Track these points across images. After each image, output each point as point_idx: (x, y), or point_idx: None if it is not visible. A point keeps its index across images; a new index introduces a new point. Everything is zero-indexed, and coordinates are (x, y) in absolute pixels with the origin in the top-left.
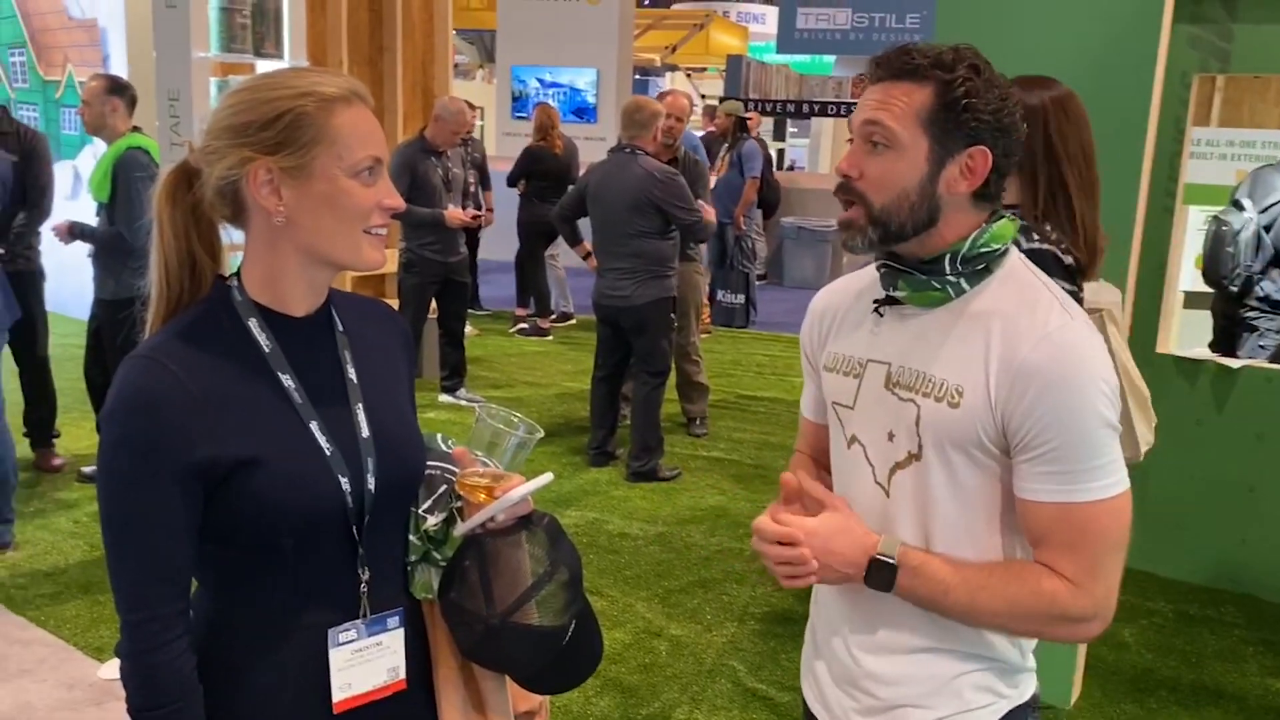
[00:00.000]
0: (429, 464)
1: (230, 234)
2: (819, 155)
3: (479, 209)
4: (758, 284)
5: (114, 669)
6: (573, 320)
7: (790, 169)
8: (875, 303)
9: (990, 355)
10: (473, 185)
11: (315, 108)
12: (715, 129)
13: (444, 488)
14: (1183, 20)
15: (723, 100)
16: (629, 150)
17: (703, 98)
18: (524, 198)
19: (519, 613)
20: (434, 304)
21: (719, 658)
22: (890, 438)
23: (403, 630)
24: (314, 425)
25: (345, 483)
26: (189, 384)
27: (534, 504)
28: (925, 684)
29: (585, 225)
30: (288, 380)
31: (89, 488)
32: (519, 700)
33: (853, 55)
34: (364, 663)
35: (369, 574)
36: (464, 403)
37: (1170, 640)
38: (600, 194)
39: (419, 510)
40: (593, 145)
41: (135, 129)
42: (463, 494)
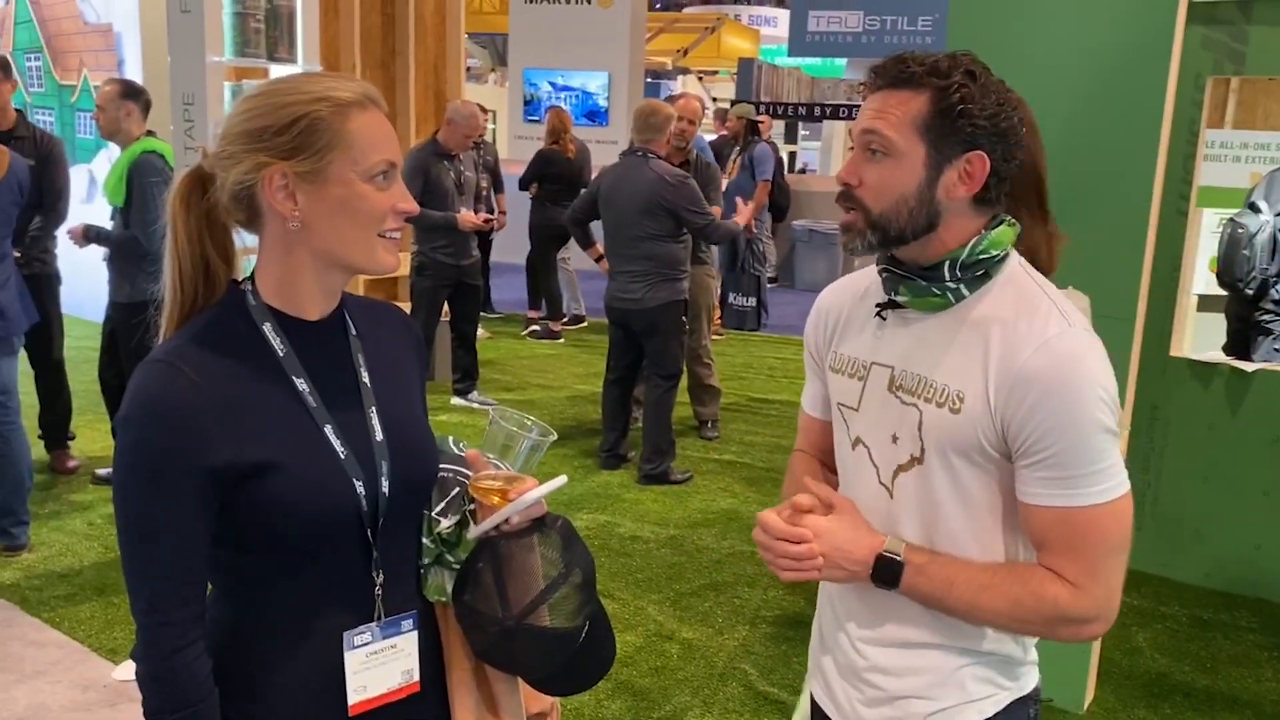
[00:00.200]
0: (441, 467)
1: (243, 238)
2: (831, 158)
3: (491, 212)
4: (769, 287)
5: (128, 670)
6: (584, 323)
7: (802, 172)
8: (878, 306)
9: (990, 362)
10: (485, 188)
11: (330, 112)
12: (727, 132)
13: (457, 490)
14: (1196, 22)
15: (734, 103)
16: (641, 153)
17: (714, 101)
18: (535, 201)
19: (533, 615)
20: (446, 307)
21: (730, 661)
22: (894, 440)
23: (416, 633)
24: (328, 429)
25: (360, 486)
26: (204, 388)
27: (546, 506)
28: (928, 676)
29: (598, 228)
30: (302, 384)
31: (104, 489)
32: (530, 702)
33: (864, 58)
34: (379, 665)
35: (383, 577)
36: (476, 405)
37: (1184, 645)
38: (612, 197)
39: (432, 513)
40: (604, 148)
41: (149, 133)
42: (476, 497)
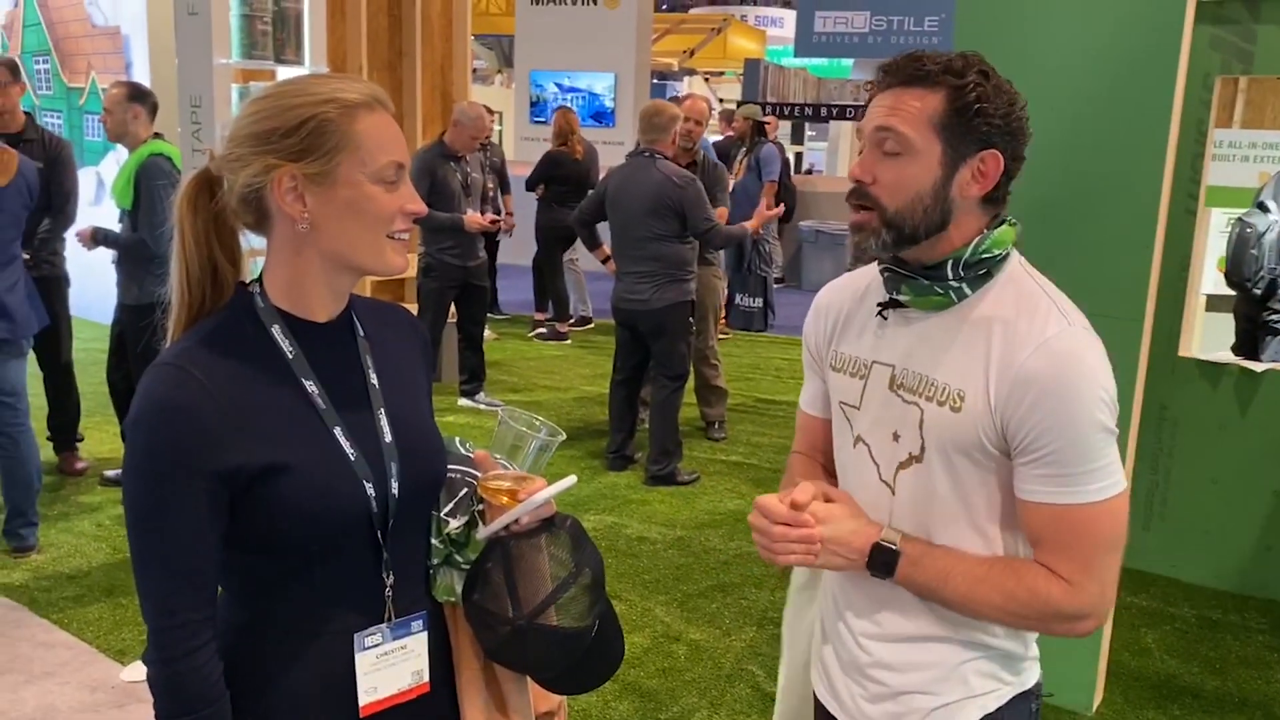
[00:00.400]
0: (449, 468)
1: (249, 240)
2: (837, 158)
3: (498, 213)
4: (775, 287)
5: (137, 671)
6: (591, 324)
7: (809, 172)
8: (879, 305)
9: (990, 361)
10: (492, 190)
11: (338, 114)
12: (733, 133)
13: (465, 491)
14: (1204, 22)
15: (740, 104)
16: (648, 154)
17: (720, 101)
18: (542, 202)
19: (544, 614)
20: (453, 308)
21: (738, 662)
22: (895, 438)
23: (426, 633)
24: (338, 431)
25: (369, 488)
26: (214, 391)
27: (555, 507)
28: (931, 671)
29: (605, 230)
30: (311, 386)
31: (112, 491)
32: (538, 701)
33: (871, 58)
34: (389, 666)
35: (393, 578)
36: (483, 407)
37: (1194, 646)
38: (619, 198)
39: (441, 514)
40: (611, 150)
41: (157, 135)
42: (485, 497)
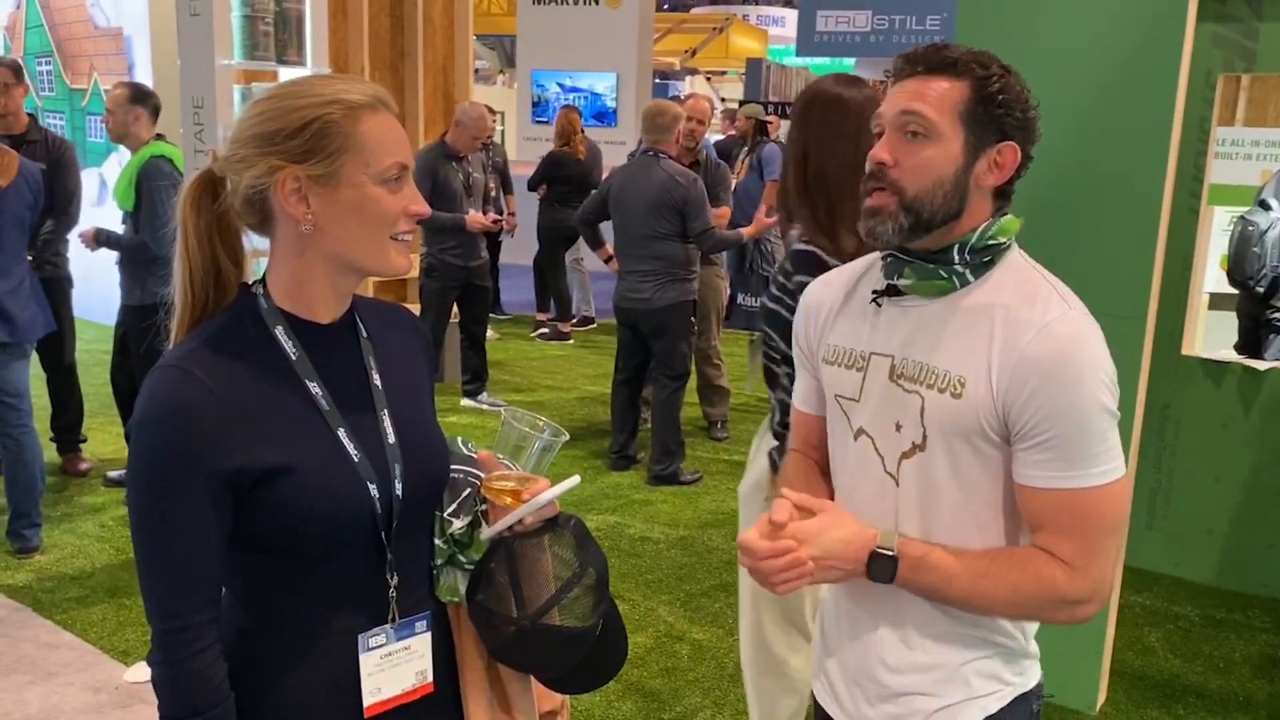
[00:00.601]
0: (453, 468)
1: (252, 240)
2: None
3: (500, 213)
4: None
5: (140, 672)
6: (594, 324)
7: None
8: (874, 293)
9: (993, 346)
10: (494, 190)
11: (342, 115)
12: (735, 132)
13: (468, 491)
14: (1207, 19)
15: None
16: (651, 153)
17: (722, 101)
18: (544, 202)
19: (548, 614)
20: (455, 308)
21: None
22: (898, 429)
23: (430, 633)
24: (341, 432)
25: (373, 489)
26: (217, 392)
27: (559, 507)
28: (933, 672)
29: (607, 229)
30: (314, 387)
31: (115, 492)
32: (541, 700)
33: (873, 57)
34: (393, 667)
35: (397, 579)
36: (485, 407)
37: (1197, 645)
38: (622, 197)
39: (444, 514)
40: (613, 149)
41: (159, 137)
42: (489, 497)
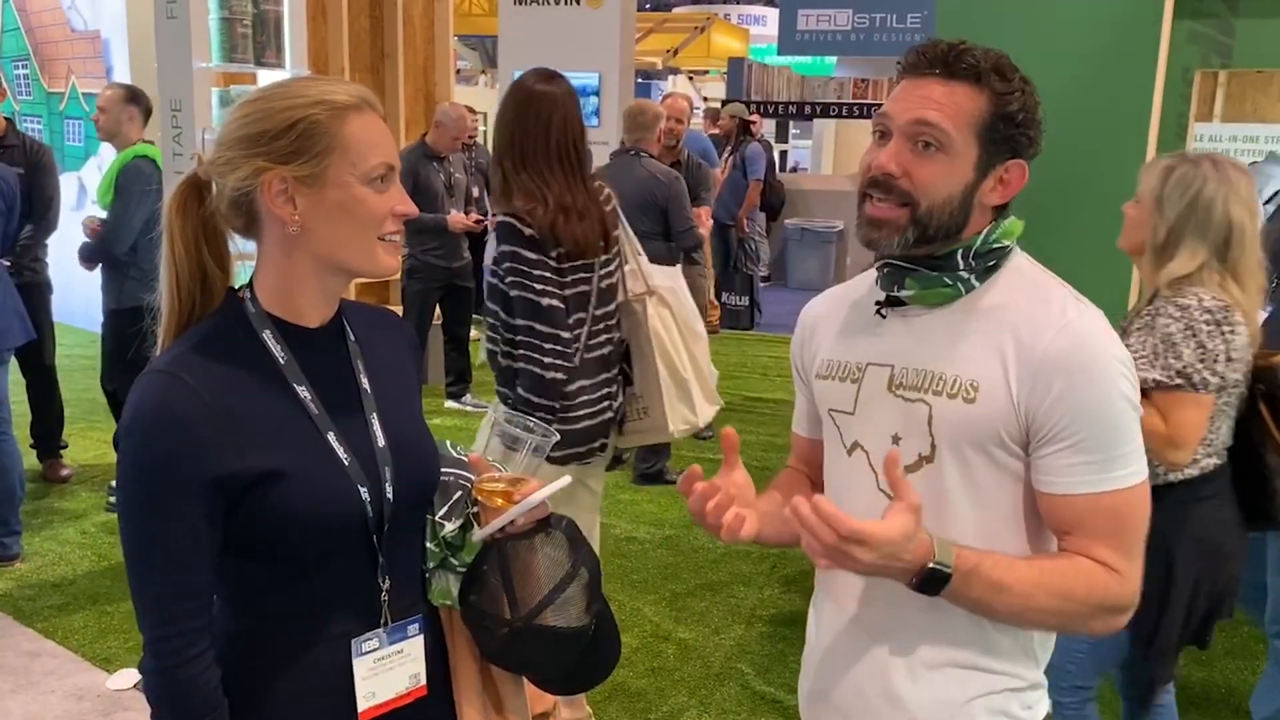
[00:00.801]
0: (443, 471)
1: (237, 244)
2: (821, 156)
3: (483, 214)
4: (762, 286)
5: (123, 680)
6: None
7: (793, 171)
8: (878, 304)
9: (1007, 350)
10: (476, 191)
11: (328, 116)
12: (719, 131)
13: (459, 494)
14: (1184, 16)
15: (725, 103)
16: (633, 152)
17: (705, 100)
18: None
19: (541, 615)
20: (438, 310)
21: (727, 661)
22: (895, 441)
23: (423, 637)
24: (331, 436)
25: (364, 493)
26: (206, 398)
27: (550, 507)
28: (934, 709)
29: None
30: (304, 392)
31: (96, 498)
32: (534, 702)
33: (854, 56)
34: (386, 671)
35: (389, 583)
36: (470, 408)
37: None
38: None
39: (435, 517)
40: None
41: (148, 142)
42: (480, 499)
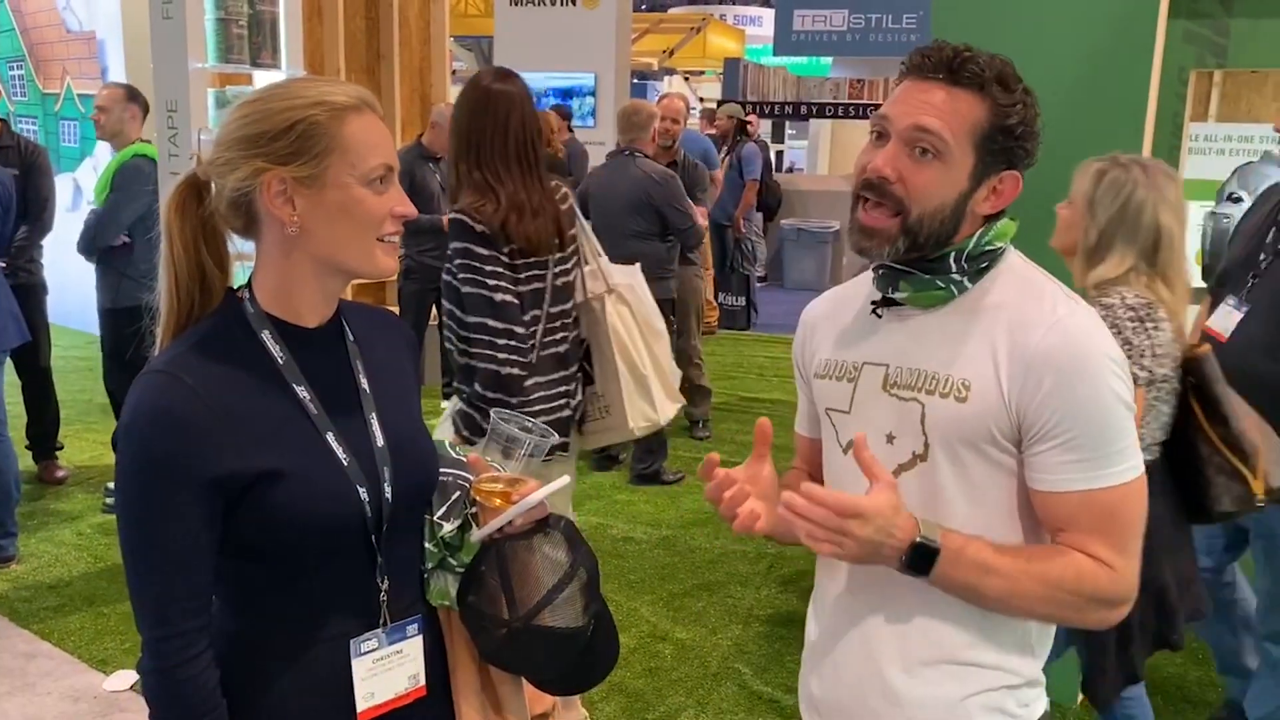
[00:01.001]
0: (442, 471)
1: (236, 244)
2: (817, 157)
3: None
4: (758, 286)
5: (119, 681)
6: None
7: (789, 171)
8: (874, 304)
9: (999, 348)
10: None
11: (327, 117)
12: (715, 131)
13: (458, 494)
14: (1179, 16)
15: (721, 103)
16: (628, 153)
17: (700, 100)
18: None
19: (539, 616)
20: (435, 310)
21: (724, 661)
22: (889, 440)
23: (421, 637)
24: (330, 436)
25: (363, 493)
26: (205, 398)
27: (549, 508)
28: (931, 706)
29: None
30: (302, 392)
31: (92, 499)
32: (533, 702)
33: (849, 56)
34: (385, 671)
35: (388, 583)
36: None
37: None
38: (601, 196)
39: (434, 517)
40: (591, 149)
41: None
42: (479, 499)
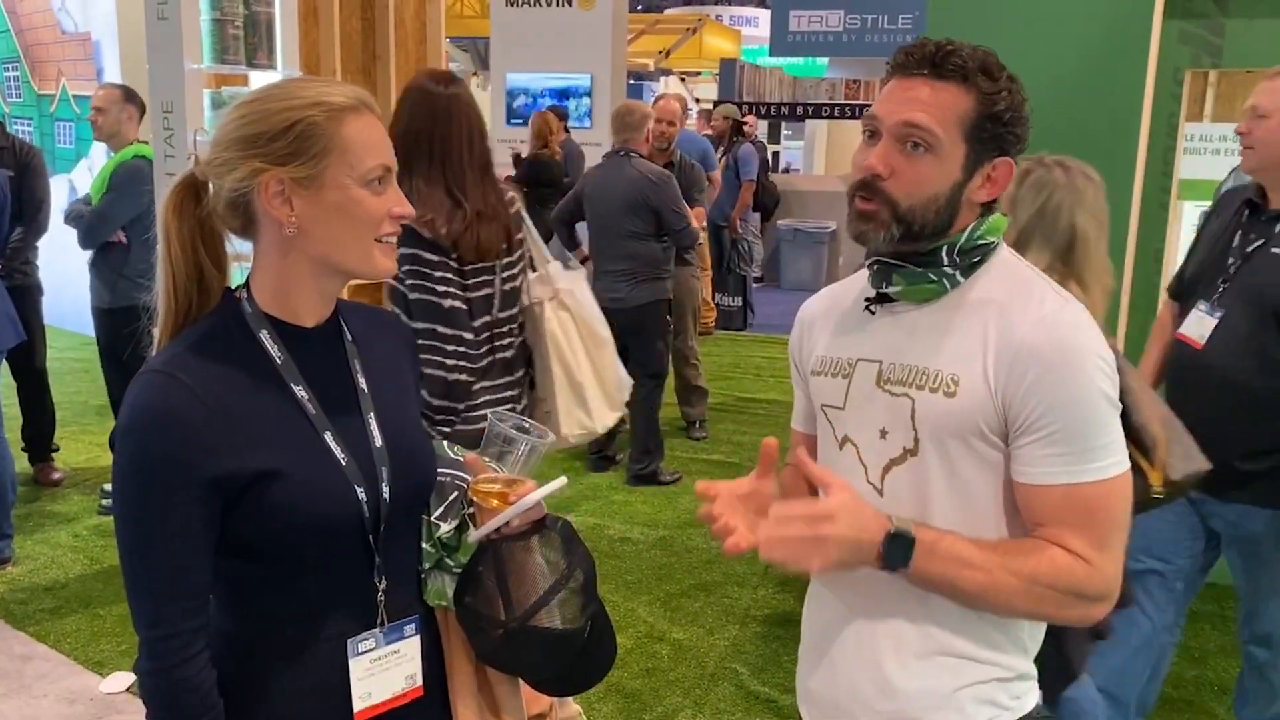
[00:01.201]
0: (439, 471)
1: (234, 244)
2: (813, 157)
3: None
4: (755, 286)
5: (115, 683)
6: None
7: (786, 171)
8: (867, 300)
9: (987, 341)
10: None
11: (325, 118)
12: (712, 132)
13: (455, 494)
14: (1174, 16)
15: (717, 104)
16: (623, 153)
17: (697, 101)
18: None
19: (536, 616)
20: None
21: (721, 661)
22: (883, 435)
23: (419, 637)
24: (328, 436)
25: (361, 493)
26: (204, 398)
27: (546, 508)
28: (924, 698)
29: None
30: (300, 391)
31: (88, 501)
32: (530, 703)
33: (845, 57)
34: (383, 671)
35: (385, 583)
36: None
37: None
38: (596, 197)
39: (431, 518)
40: (587, 150)
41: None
42: (476, 500)
